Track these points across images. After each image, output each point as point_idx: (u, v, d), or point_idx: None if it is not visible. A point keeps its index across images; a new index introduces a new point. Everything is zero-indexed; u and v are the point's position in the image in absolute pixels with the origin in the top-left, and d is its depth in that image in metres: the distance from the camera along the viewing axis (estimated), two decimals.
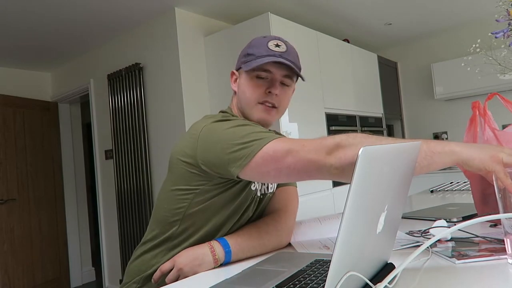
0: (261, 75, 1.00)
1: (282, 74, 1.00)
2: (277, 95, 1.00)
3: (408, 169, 0.69)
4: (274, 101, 1.00)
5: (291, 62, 0.99)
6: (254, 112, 1.01)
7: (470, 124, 1.05)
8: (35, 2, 2.59)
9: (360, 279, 0.54)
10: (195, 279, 0.85)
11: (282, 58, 0.98)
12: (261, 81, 1.00)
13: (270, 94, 1.00)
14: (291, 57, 1.01)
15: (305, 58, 2.95)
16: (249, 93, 1.01)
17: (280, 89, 1.01)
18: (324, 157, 0.76)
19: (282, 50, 1.00)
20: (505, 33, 1.28)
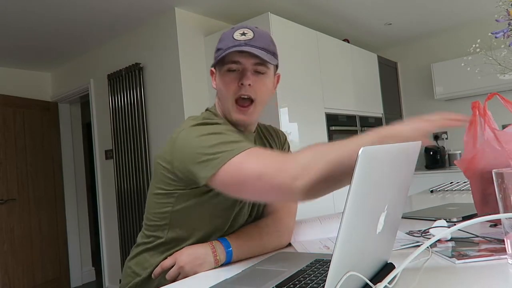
0: (232, 67, 0.95)
1: (253, 62, 0.95)
2: (250, 85, 0.94)
3: (408, 169, 0.69)
4: (248, 92, 0.95)
5: (259, 48, 0.93)
6: (231, 113, 0.97)
7: (470, 124, 1.05)
8: (35, 2, 2.59)
9: (360, 279, 0.54)
10: (195, 279, 0.85)
11: (247, 46, 0.92)
12: (233, 74, 0.95)
13: (243, 86, 0.94)
14: (260, 43, 0.95)
15: (305, 58, 2.95)
16: (224, 89, 0.97)
17: (253, 79, 0.95)
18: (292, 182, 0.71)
19: (248, 37, 0.94)
20: (505, 33, 1.28)
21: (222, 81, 0.98)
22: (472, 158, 1.03)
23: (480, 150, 1.01)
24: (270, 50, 0.98)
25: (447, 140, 4.25)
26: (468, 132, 1.06)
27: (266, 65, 0.97)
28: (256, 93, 0.96)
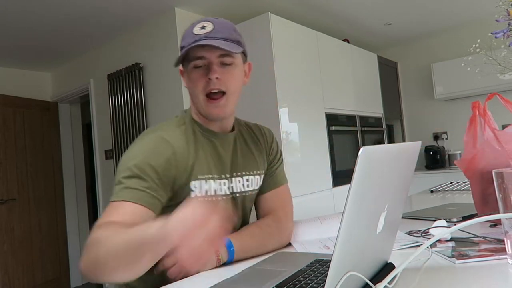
0: (197, 64, 0.93)
1: (217, 55, 0.92)
2: (218, 78, 0.92)
3: (408, 169, 0.69)
4: (217, 86, 0.93)
5: (220, 39, 0.90)
6: (204, 109, 0.95)
7: (470, 124, 1.05)
8: (35, 2, 2.59)
9: (360, 279, 0.55)
10: (195, 279, 0.85)
11: (208, 39, 0.90)
12: (199, 70, 0.94)
13: (211, 81, 0.92)
14: (221, 34, 0.92)
15: (305, 58, 2.95)
16: (193, 87, 0.95)
17: (220, 71, 0.93)
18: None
19: (208, 30, 0.92)
20: (505, 33, 1.28)
21: (190, 79, 0.96)
22: (472, 158, 1.03)
23: (480, 150, 1.01)
24: (233, 39, 0.94)
25: (447, 140, 4.25)
26: (468, 132, 1.06)
27: (232, 55, 0.95)
28: (226, 85, 0.94)
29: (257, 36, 2.68)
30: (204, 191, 0.94)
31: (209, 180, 0.95)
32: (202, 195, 0.94)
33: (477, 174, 1.04)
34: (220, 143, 1.01)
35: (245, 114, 2.76)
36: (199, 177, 0.94)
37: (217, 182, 0.97)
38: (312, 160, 2.87)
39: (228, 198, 0.99)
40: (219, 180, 0.97)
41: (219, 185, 0.97)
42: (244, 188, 1.03)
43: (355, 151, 3.38)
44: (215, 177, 0.97)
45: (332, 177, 3.04)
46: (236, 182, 1.02)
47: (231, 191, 1.01)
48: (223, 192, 0.98)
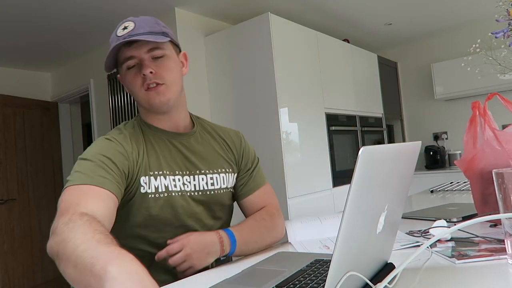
0: (129, 64, 0.94)
1: (145, 50, 0.93)
2: (152, 73, 0.92)
3: (408, 169, 0.69)
4: (154, 80, 0.93)
5: (141, 35, 0.91)
6: (147, 101, 0.95)
7: (470, 124, 1.05)
8: (35, 3, 2.59)
9: (360, 279, 0.55)
10: (195, 279, 0.85)
11: (130, 37, 0.91)
12: (133, 70, 0.94)
13: (146, 77, 0.93)
14: (143, 29, 0.92)
15: (305, 58, 2.95)
16: (131, 86, 0.96)
17: (153, 65, 0.93)
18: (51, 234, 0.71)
19: (130, 29, 0.92)
20: (505, 33, 1.28)
21: (127, 81, 0.97)
22: (472, 158, 1.03)
23: (480, 150, 1.01)
24: (157, 31, 0.95)
25: (447, 140, 4.25)
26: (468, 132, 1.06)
27: (161, 47, 0.95)
28: (162, 78, 0.94)
29: (257, 36, 2.68)
30: (154, 188, 0.95)
31: (160, 177, 0.95)
32: (152, 191, 0.94)
33: (477, 174, 1.04)
34: (173, 141, 1.01)
35: (245, 114, 2.78)
36: (149, 173, 0.94)
37: (169, 179, 0.96)
38: (312, 160, 2.87)
39: (185, 195, 0.99)
40: (172, 177, 0.97)
41: (173, 181, 0.97)
42: (208, 186, 1.02)
43: (355, 151, 3.38)
44: (167, 173, 0.97)
45: (332, 177, 3.04)
46: (198, 180, 1.01)
47: (192, 189, 1.00)
48: (178, 188, 0.98)
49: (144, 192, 0.94)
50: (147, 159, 0.96)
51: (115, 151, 0.90)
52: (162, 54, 0.95)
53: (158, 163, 0.96)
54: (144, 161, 0.95)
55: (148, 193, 0.94)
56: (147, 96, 0.94)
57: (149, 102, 0.95)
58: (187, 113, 1.08)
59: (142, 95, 0.95)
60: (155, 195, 0.95)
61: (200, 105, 2.94)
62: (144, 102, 0.96)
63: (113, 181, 0.85)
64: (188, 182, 1.00)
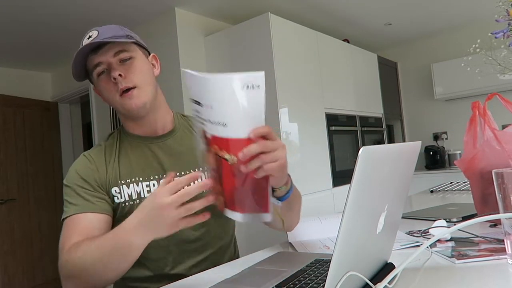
0: (99, 71, 0.93)
1: (111, 54, 0.92)
2: (121, 75, 0.91)
3: (408, 169, 0.69)
4: (125, 83, 0.92)
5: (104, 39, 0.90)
6: (123, 107, 0.95)
7: (470, 124, 1.05)
8: (35, 3, 2.59)
9: (360, 279, 0.55)
10: (195, 279, 0.85)
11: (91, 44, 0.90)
12: (104, 76, 0.94)
13: (117, 81, 0.92)
14: (106, 35, 0.92)
15: (305, 58, 2.95)
16: (106, 93, 0.95)
17: (121, 68, 0.92)
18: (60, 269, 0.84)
19: (94, 36, 0.93)
20: (505, 33, 1.28)
21: (101, 90, 0.96)
22: (472, 158, 1.03)
23: (480, 150, 1.01)
24: (120, 35, 0.95)
25: (447, 140, 4.25)
26: (468, 132, 1.06)
27: (127, 49, 0.95)
28: (132, 80, 0.93)
29: (257, 36, 2.68)
30: (127, 195, 0.95)
31: (132, 184, 0.96)
32: (126, 199, 0.95)
33: (477, 174, 1.04)
34: (151, 146, 1.01)
35: None
36: (120, 182, 0.96)
37: (142, 185, 0.96)
38: (312, 160, 2.87)
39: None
40: (145, 182, 0.96)
41: (146, 187, 0.96)
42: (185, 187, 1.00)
43: (355, 151, 3.38)
44: (139, 179, 0.96)
45: (332, 177, 3.04)
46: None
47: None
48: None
49: (119, 202, 0.95)
50: (118, 169, 0.97)
51: (87, 169, 0.96)
52: (129, 56, 0.95)
53: (130, 171, 0.97)
54: (114, 171, 0.96)
55: (121, 202, 0.95)
56: (122, 101, 0.94)
57: (125, 108, 0.94)
58: (166, 113, 1.05)
59: (117, 100, 0.94)
60: (129, 203, 0.95)
61: None
62: (121, 108, 0.95)
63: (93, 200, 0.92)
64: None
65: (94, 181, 0.94)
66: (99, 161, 0.98)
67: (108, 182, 0.96)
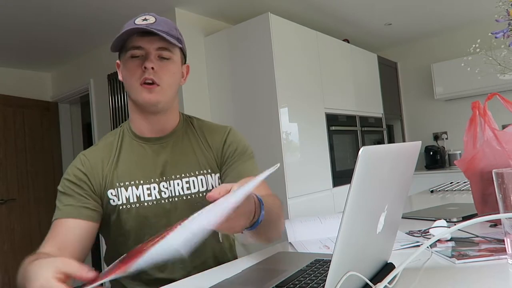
0: (135, 53, 0.93)
1: (155, 47, 0.93)
2: (153, 69, 0.91)
3: (408, 169, 0.69)
4: (152, 76, 0.92)
5: (158, 31, 0.90)
6: (138, 96, 0.94)
7: (470, 124, 1.05)
8: (35, 3, 2.59)
9: (360, 279, 0.55)
10: (195, 279, 0.85)
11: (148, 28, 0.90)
12: (136, 60, 0.93)
13: (146, 70, 0.92)
14: (161, 27, 0.92)
15: (305, 58, 2.95)
16: (129, 76, 0.94)
17: (157, 63, 0.93)
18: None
19: (150, 22, 0.92)
20: (505, 33, 1.28)
21: (126, 68, 0.95)
22: (472, 158, 1.03)
23: (480, 150, 1.01)
24: (173, 34, 0.95)
25: (447, 140, 4.25)
26: (468, 132, 1.06)
27: (170, 50, 0.95)
28: (160, 78, 0.93)
29: (257, 36, 2.68)
30: (125, 198, 0.94)
31: (132, 187, 0.94)
32: (123, 203, 0.94)
33: (477, 174, 1.04)
34: (152, 147, 0.99)
35: (245, 114, 2.78)
36: (117, 184, 0.94)
37: (142, 188, 0.95)
38: (312, 160, 2.87)
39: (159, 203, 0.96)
40: (146, 185, 0.95)
41: (147, 189, 0.95)
42: (184, 191, 0.98)
43: (355, 151, 3.38)
44: (139, 182, 0.95)
45: (332, 177, 3.04)
46: (174, 186, 0.97)
47: (167, 195, 0.97)
48: (153, 197, 0.96)
49: (115, 205, 0.94)
50: (116, 171, 0.96)
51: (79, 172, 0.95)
52: (169, 57, 0.95)
53: (129, 173, 0.96)
54: (111, 173, 0.95)
55: (118, 205, 0.94)
56: (140, 90, 0.93)
57: (139, 96, 0.94)
58: (175, 117, 1.04)
59: (136, 87, 0.93)
60: (126, 206, 0.94)
61: (200, 105, 2.94)
62: (135, 94, 0.94)
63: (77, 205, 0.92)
64: (166, 189, 0.97)
65: (85, 184, 0.94)
66: (94, 162, 0.96)
67: (104, 184, 0.95)
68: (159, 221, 0.95)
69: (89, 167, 0.95)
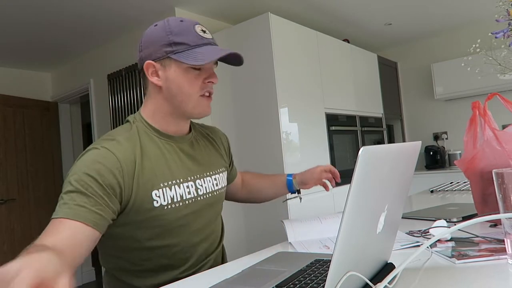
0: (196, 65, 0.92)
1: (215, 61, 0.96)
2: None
3: (408, 169, 0.69)
4: (212, 90, 0.97)
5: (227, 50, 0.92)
6: (196, 107, 0.94)
7: (470, 124, 1.05)
8: (35, 3, 2.59)
9: (360, 279, 0.55)
10: (195, 279, 0.85)
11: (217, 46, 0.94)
12: (196, 72, 0.93)
13: (209, 84, 0.95)
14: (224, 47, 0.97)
15: (305, 58, 2.95)
16: (188, 87, 0.92)
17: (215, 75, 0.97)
18: None
19: (211, 36, 0.95)
20: (505, 33, 1.28)
21: (184, 78, 0.92)
22: (472, 158, 1.03)
23: (480, 150, 1.01)
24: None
25: (447, 140, 4.25)
26: (468, 132, 1.06)
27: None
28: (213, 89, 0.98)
29: (257, 36, 2.68)
30: (170, 199, 0.91)
31: (174, 186, 0.92)
32: (168, 203, 0.90)
33: (477, 174, 1.04)
34: (180, 145, 0.98)
35: (245, 114, 2.78)
36: (162, 185, 0.90)
37: (183, 186, 0.94)
38: (312, 160, 2.87)
39: (196, 200, 0.97)
40: (185, 183, 0.95)
41: (187, 188, 0.95)
42: (214, 187, 1.03)
43: (355, 151, 3.38)
44: (180, 181, 0.94)
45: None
46: (207, 183, 1.01)
47: (202, 192, 0.99)
48: (192, 195, 0.96)
49: (159, 205, 0.89)
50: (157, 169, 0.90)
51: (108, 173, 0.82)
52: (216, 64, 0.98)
53: (170, 172, 0.93)
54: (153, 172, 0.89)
55: (163, 205, 0.89)
56: (201, 103, 0.95)
57: (198, 108, 0.95)
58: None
59: (195, 99, 0.94)
60: (171, 206, 0.91)
61: None
62: (192, 106, 0.94)
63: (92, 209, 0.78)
64: (201, 186, 0.99)
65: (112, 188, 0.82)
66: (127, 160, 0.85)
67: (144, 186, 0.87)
68: (196, 218, 0.97)
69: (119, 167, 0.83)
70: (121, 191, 0.83)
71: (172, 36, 0.91)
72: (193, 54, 0.89)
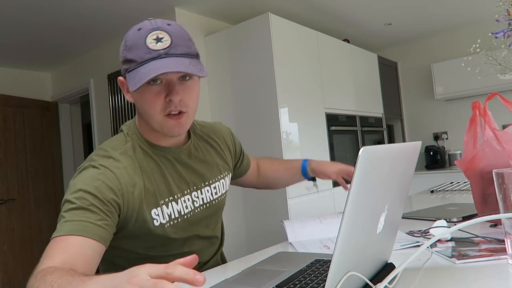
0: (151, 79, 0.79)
1: (178, 76, 0.82)
2: (180, 100, 0.82)
3: (408, 169, 0.69)
4: (179, 108, 0.82)
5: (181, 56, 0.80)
6: (163, 127, 0.84)
7: (470, 124, 1.05)
8: (35, 3, 2.59)
9: (360, 279, 0.54)
10: None
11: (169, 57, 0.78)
12: (156, 88, 0.81)
13: (171, 102, 0.81)
14: (180, 49, 0.80)
15: (305, 58, 2.95)
16: (148, 107, 0.83)
17: (181, 89, 0.82)
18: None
19: (166, 45, 0.79)
20: (505, 33, 1.28)
21: (143, 98, 0.83)
22: (472, 158, 1.03)
23: (480, 150, 1.01)
24: (193, 52, 0.84)
25: (447, 140, 4.25)
26: (468, 132, 1.06)
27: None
28: (187, 105, 0.84)
29: (257, 36, 2.68)
30: (167, 216, 0.88)
31: (171, 203, 0.89)
32: (167, 221, 0.88)
33: (477, 174, 1.04)
34: (176, 158, 0.93)
35: (245, 114, 2.78)
36: (161, 202, 0.87)
37: (180, 201, 0.92)
38: None
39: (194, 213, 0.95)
40: (182, 198, 0.92)
41: (184, 202, 0.92)
42: (213, 196, 1.01)
43: (355, 151, 3.38)
44: (178, 196, 0.91)
45: None
46: (205, 193, 0.98)
47: (200, 203, 0.97)
48: (189, 208, 0.94)
49: (158, 224, 0.87)
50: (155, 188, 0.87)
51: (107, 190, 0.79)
52: (190, 76, 0.84)
53: (168, 188, 0.90)
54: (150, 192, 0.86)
55: (163, 223, 0.87)
56: (166, 122, 0.84)
57: (165, 129, 0.85)
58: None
59: (159, 119, 0.84)
60: (169, 223, 0.89)
61: (200, 105, 2.92)
62: (159, 127, 0.85)
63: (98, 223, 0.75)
64: (197, 198, 0.96)
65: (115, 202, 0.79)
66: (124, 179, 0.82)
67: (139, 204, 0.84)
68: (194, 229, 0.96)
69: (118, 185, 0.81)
70: (120, 208, 0.81)
71: (126, 51, 0.82)
72: (137, 75, 0.78)
